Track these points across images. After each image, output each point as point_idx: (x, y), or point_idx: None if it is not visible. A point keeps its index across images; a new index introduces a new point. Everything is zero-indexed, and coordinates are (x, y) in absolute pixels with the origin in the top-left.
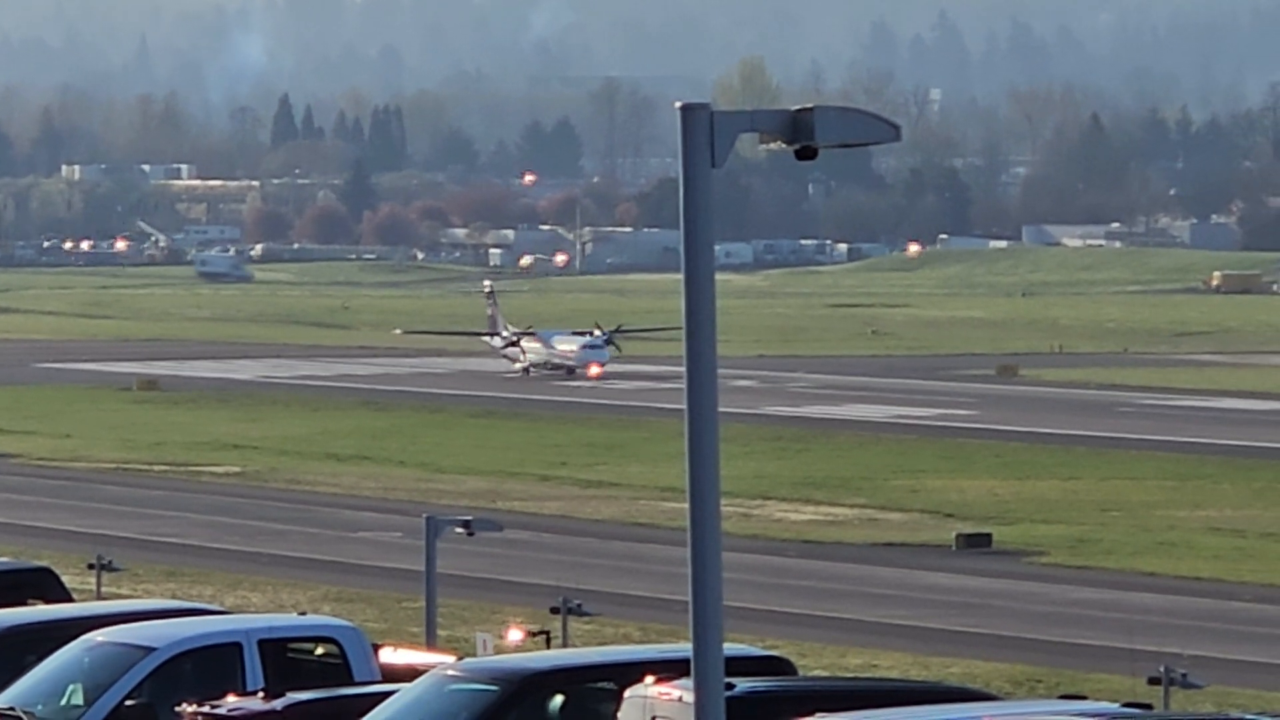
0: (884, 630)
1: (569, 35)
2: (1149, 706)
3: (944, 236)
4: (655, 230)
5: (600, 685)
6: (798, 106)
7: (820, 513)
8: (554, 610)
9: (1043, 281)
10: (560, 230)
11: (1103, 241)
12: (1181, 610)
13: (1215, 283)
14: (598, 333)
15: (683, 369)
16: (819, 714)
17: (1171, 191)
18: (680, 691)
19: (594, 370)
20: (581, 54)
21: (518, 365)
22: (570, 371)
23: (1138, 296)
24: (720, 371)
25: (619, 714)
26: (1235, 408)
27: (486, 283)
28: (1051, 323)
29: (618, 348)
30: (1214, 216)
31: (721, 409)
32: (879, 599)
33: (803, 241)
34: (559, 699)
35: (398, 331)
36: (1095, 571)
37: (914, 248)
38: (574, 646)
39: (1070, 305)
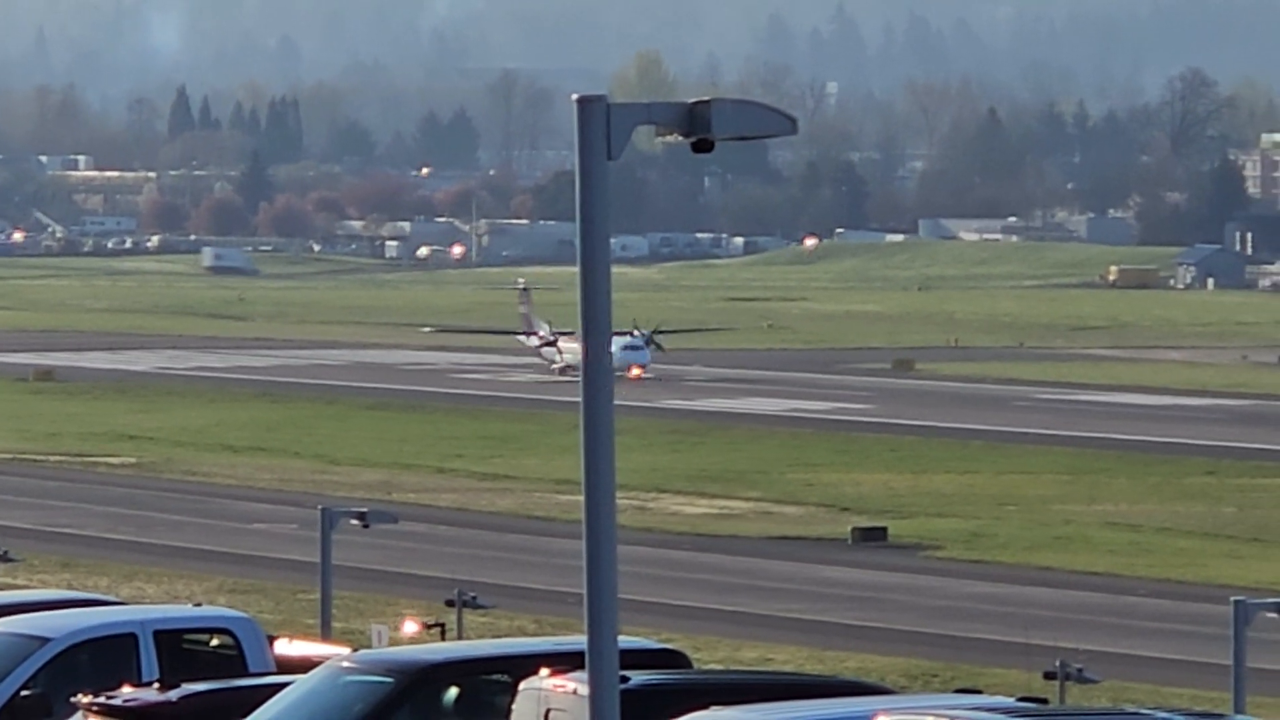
0: (779, 624)
1: (466, 27)
2: (1044, 701)
3: (840, 230)
4: (551, 223)
5: (495, 678)
6: (694, 99)
7: (716, 506)
8: (449, 603)
9: (939, 275)
10: (456, 222)
11: (999, 235)
12: (1077, 605)
13: (1112, 277)
14: (637, 333)
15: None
16: (713, 707)
17: (1068, 186)
18: (575, 684)
19: (634, 372)
20: (479, 46)
21: (554, 366)
22: None
23: (1034, 291)
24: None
25: (513, 707)
26: (1131, 402)
27: (520, 280)
28: (947, 317)
29: (660, 348)
30: (1111, 211)
31: (618, 402)
32: (774, 592)
33: (699, 235)
34: (453, 691)
35: (427, 329)
36: (991, 566)
37: (810, 241)
38: (469, 639)
39: (966, 299)
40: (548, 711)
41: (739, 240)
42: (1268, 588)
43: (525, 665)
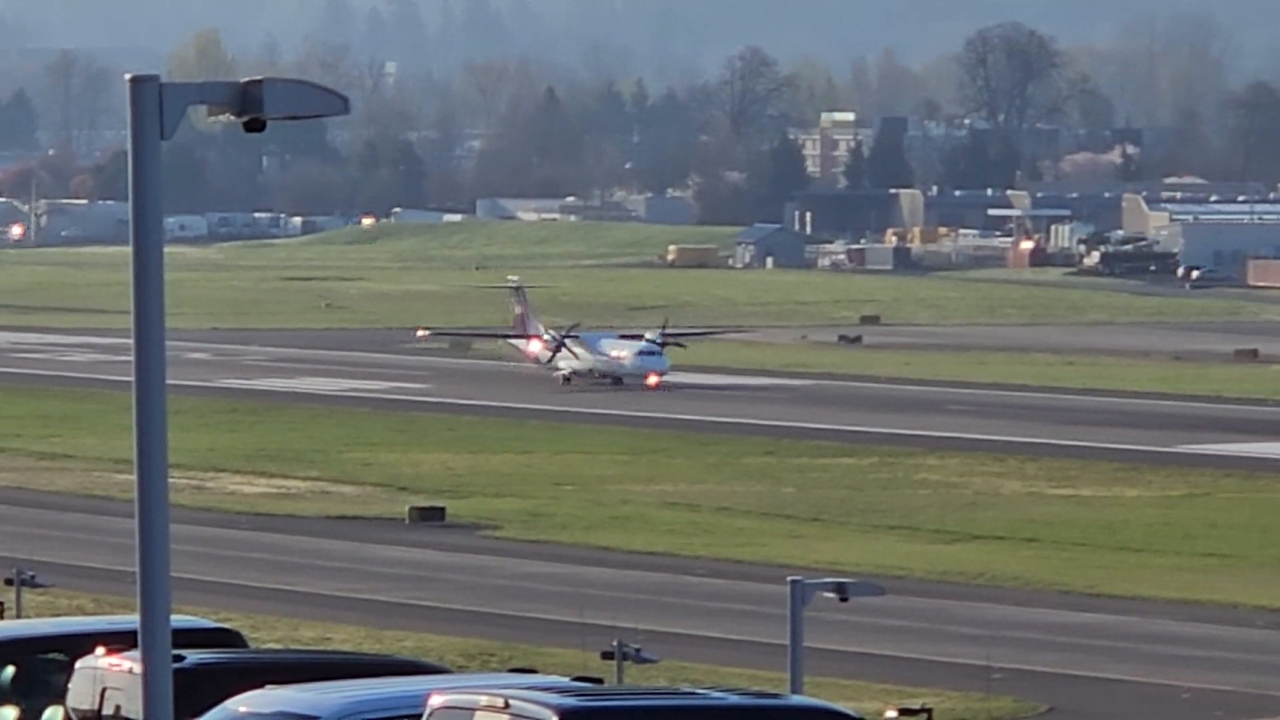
0: (337, 603)
1: (25, 7)
2: (600, 680)
3: (398, 210)
4: (110, 203)
5: (51, 656)
6: (247, 79)
7: (274, 485)
8: (8, 581)
9: (497, 255)
10: (15, 203)
11: (557, 215)
12: (635, 584)
13: (671, 257)
14: (649, 337)
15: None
16: (268, 686)
17: (627, 165)
18: (130, 663)
19: (652, 380)
20: (38, 26)
21: (558, 373)
22: (618, 381)
23: (593, 270)
24: (173, 344)
25: (70, 685)
26: (690, 382)
27: (513, 277)
28: (504, 297)
29: (681, 345)
30: (670, 190)
31: (175, 382)
32: (332, 572)
33: (257, 214)
34: (10, 670)
35: (422, 332)
36: (549, 545)
37: (367, 221)
38: (27, 618)
39: (525, 279)
40: (104, 690)
41: (297, 220)
42: (826, 567)
43: (81, 644)
